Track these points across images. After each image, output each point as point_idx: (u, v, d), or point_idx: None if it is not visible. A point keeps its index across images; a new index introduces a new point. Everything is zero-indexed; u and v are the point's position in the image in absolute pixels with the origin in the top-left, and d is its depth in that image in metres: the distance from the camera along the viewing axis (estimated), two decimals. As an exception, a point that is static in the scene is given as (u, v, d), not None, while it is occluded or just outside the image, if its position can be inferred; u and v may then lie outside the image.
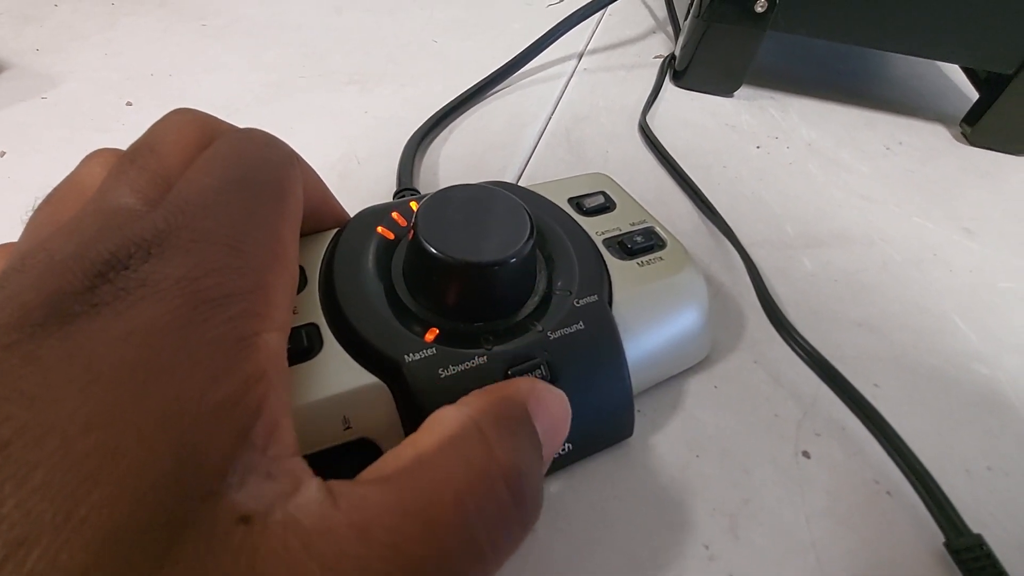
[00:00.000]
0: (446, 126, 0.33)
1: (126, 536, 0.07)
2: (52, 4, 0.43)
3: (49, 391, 0.08)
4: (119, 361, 0.09)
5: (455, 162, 0.31)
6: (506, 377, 0.15)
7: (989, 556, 0.16)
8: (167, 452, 0.08)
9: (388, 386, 0.14)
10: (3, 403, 0.08)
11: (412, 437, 0.11)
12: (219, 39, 0.40)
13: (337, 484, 0.10)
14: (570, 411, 0.13)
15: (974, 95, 0.39)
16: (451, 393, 0.12)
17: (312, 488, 0.09)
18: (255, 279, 0.11)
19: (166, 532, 0.08)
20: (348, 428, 0.14)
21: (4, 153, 0.28)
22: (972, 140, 0.37)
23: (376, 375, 0.14)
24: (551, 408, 0.12)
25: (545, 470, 0.12)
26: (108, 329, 0.09)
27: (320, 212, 0.17)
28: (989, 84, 0.37)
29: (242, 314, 0.10)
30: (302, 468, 0.10)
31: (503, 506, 0.10)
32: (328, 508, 0.09)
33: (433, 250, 0.14)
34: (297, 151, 0.15)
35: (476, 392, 0.12)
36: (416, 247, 0.15)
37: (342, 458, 0.14)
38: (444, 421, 0.11)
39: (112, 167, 0.13)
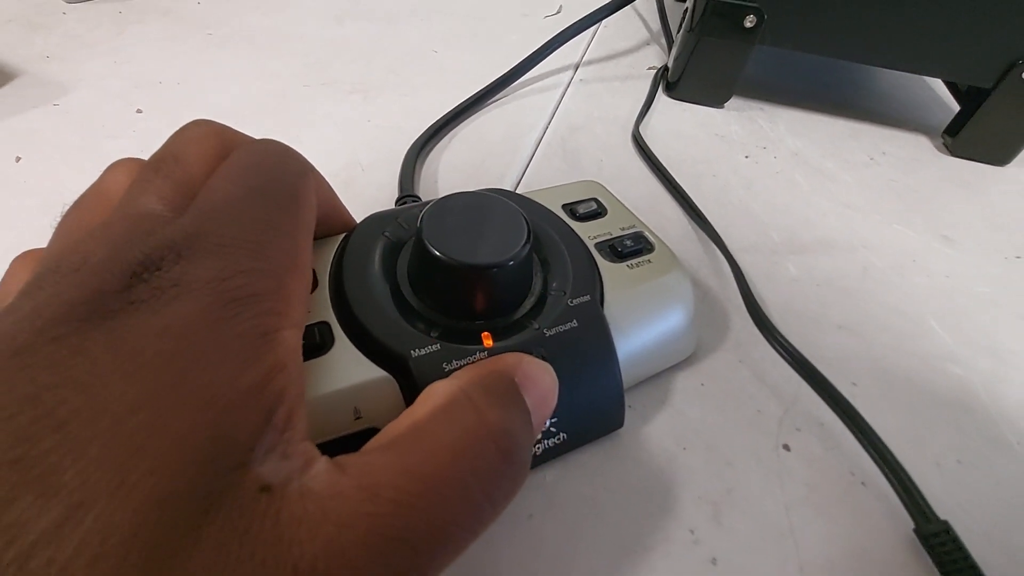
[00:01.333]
0: (446, 135, 0.34)
1: (170, 501, 0.08)
2: (60, 12, 0.44)
3: (98, 378, 0.09)
4: (158, 351, 0.10)
5: (455, 170, 0.32)
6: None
7: (955, 541, 0.17)
8: (204, 429, 0.09)
9: (396, 379, 0.15)
10: (58, 389, 0.09)
11: (408, 410, 0.12)
12: (224, 48, 0.41)
13: (343, 457, 0.11)
14: (556, 381, 0.14)
15: (956, 107, 0.40)
16: None
17: (322, 462, 0.11)
18: (276, 281, 0.12)
19: (204, 499, 0.09)
20: (359, 418, 0.15)
21: (20, 158, 0.29)
22: (953, 151, 0.39)
23: (384, 369, 0.15)
24: (538, 379, 0.13)
25: (537, 435, 0.13)
26: (146, 324, 0.10)
27: (330, 218, 0.18)
28: (969, 97, 0.38)
29: (266, 312, 0.11)
30: (312, 450, 0.11)
31: (494, 463, 0.11)
32: (337, 476, 0.10)
33: (437, 253, 0.15)
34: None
35: (467, 367, 0.13)
36: (421, 250, 0.16)
37: (353, 447, 0.15)
38: (437, 393, 0.12)
39: (137, 175, 0.14)
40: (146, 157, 0.15)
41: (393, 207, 0.21)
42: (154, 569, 0.08)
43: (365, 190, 0.30)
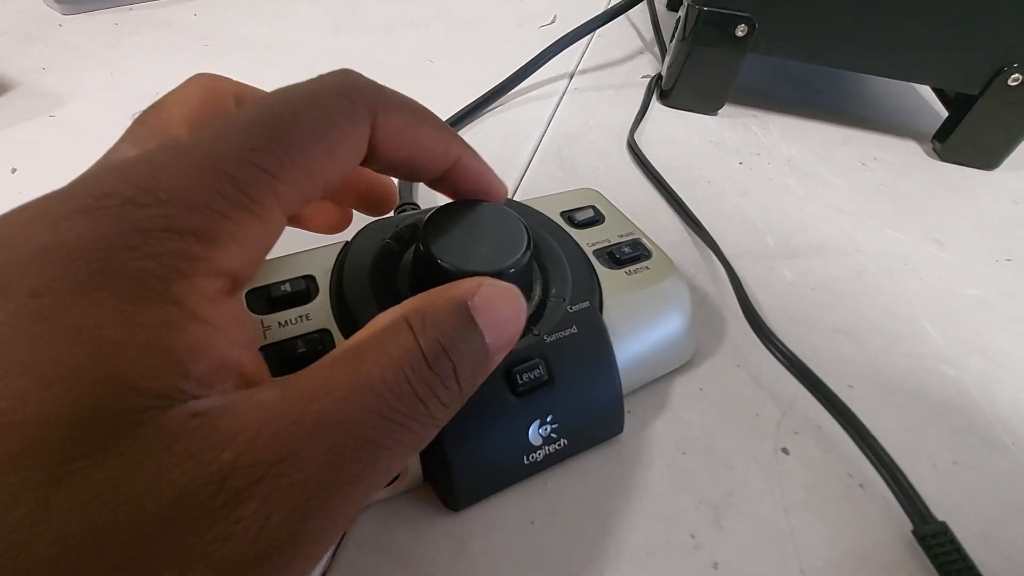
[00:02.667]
0: (443, 143, 0.34)
1: (59, 424, 0.09)
2: (56, 24, 0.44)
3: None
4: (40, 268, 0.09)
5: (452, 177, 0.32)
6: (508, 377, 0.16)
7: (953, 542, 0.17)
8: (85, 366, 0.09)
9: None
10: None
11: (354, 335, 0.12)
12: (221, 58, 0.41)
13: (286, 376, 0.11)
14: (521, 304, 0.13)
15: (944, 113, 0.41)
16: None
17: (265, 384, 0.11)
18: (206, 219, 0.10)
19: (99, 434, 0.09)
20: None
21: (15, 170, 0.29)
22: (943, 156, 0.39)
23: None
24: (495, 302, 0.13)
25: (498, 356, 0.13)
26: (34, 237, 0.10)
27: (418, 162, 0.15)
28: (957, 103, 0.39)
29: (173, 253, 0.10)
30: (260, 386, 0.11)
31: (426, 378, 0.11)
32: (281, 387, 0.10)
33: (440, 260, 0.15)
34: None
35: (419, 295, 0.13)
36: (424, 258, 0.16)
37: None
38: (380, 319, 0.12)
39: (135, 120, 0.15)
40: None
41: (392, 215, 0.21)
42: (48, 483, 0.08)
43: (363, 199, 0.30)
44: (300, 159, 0.12)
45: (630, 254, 0.21)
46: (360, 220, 0.20)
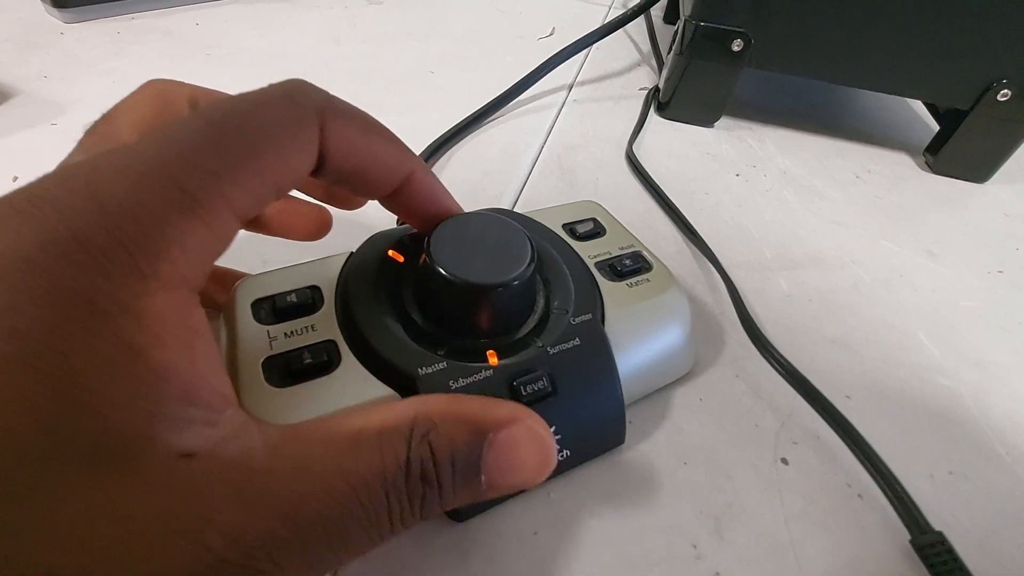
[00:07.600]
0: (443, 154, 0.35)
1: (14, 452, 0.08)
2: (58, 32, 0.44)
3: None
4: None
5: (452, 188, 0.32)
6: (511, 387, 0.16)
7: (950, 551, 0.17)
8: (40, 395, 0.09)
9: (403, 397, 0.15)
10: None
11: (373, 408, 0.12)
12: (223, 69, 0.42)
13: (283, 432, 0.11)
14: (546, 453, 0.13)
15: (935, 126, 0.42)
16: None
17: (257, 436, 0.11)
18: (151, 229, 0.10)
19: (61, 467, 0.09)
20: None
21: (17, 178, 0.29)
22: (935, 168, 0.40)
23: (391, 387, 0.15)
24: (521, 447, 0.12)
25: (490, 494, 0.12)
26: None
27: (371, 171, 0.15)
28: (948, 117, 0.40)
29: (121, 271, 0.10)
30: (242, 417, 0.11)
31: (400, 498, 0.11)
32: (271, 455, 0.11)
33: (445, 273, 0.15)
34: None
35: (450, 397, 0.13)
36: (429, 270, 0.16)
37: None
38: (395, 410, 0.12)
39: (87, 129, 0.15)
40: None
41: (396, 226, 0.21)
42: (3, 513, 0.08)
43: (366, 209, 0.30)
44: (247, 161, 0.11)
45: (631, 266, 0.21)
46: (360, 230, 0.20)
